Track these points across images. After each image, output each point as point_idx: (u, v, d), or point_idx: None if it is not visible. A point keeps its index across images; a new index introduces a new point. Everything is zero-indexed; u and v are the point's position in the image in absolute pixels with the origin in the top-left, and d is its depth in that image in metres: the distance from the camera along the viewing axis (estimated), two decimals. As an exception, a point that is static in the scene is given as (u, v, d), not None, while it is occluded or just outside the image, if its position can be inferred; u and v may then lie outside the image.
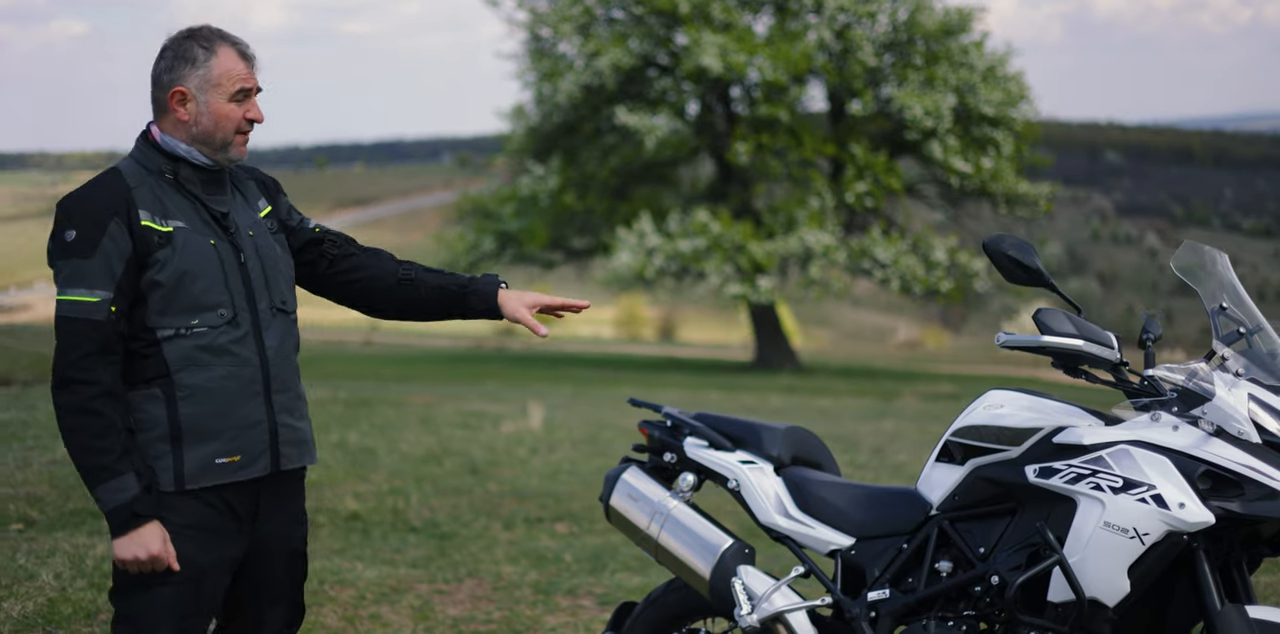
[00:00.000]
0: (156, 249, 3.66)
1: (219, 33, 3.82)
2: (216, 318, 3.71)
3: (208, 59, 3.76)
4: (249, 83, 3.79)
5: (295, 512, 3.97)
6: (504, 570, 7.55)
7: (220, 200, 3.82)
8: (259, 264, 3.82)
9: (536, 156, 33.42)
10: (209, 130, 3.75)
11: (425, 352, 38.76)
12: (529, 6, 32.25)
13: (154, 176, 3.75)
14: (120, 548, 3.61)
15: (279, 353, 3.83)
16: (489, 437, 12.83)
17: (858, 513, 4.23)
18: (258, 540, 3.84)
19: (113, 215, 3.65)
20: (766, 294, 29.30)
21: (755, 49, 28.97)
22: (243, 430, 3.73)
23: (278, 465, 3.81)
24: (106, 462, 3.59)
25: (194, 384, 3.69)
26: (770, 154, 30.22)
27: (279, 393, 3.82)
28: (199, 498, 3.71)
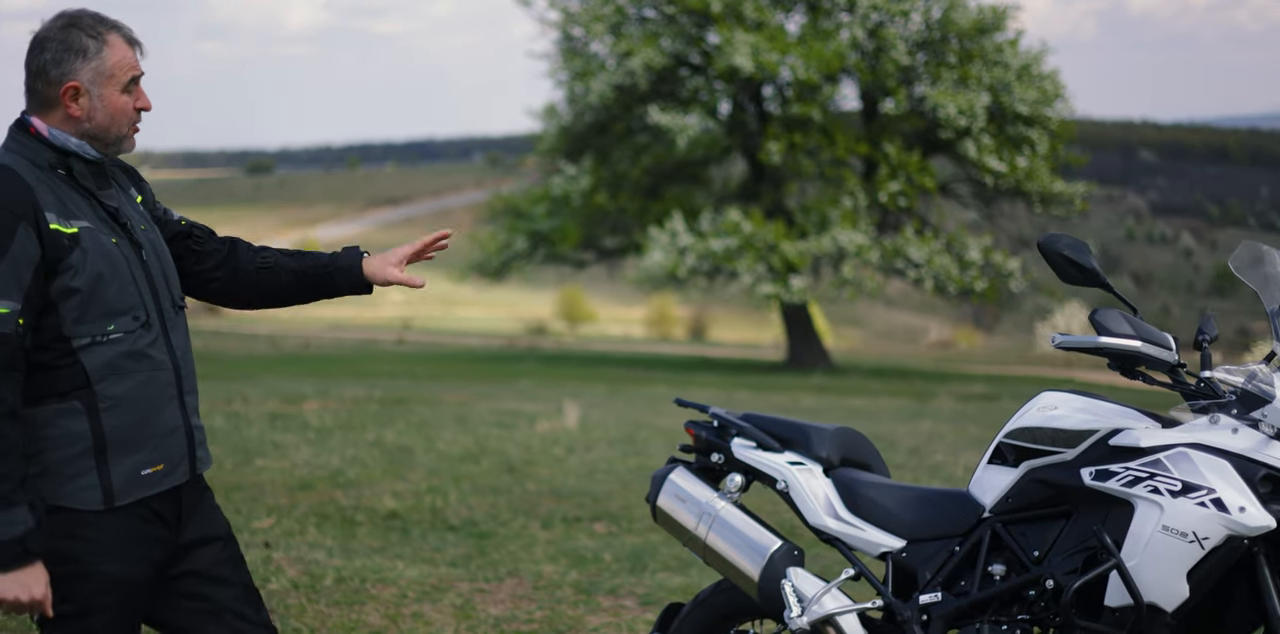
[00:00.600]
0: (67, 253, 3.39)
1: (102, 18, 3.54)
2: (131, 322, 3.49)
3: (99, 50, 3.49)
4: (139, 70, 3.54)
5: (210, 503, 3.75)
6: (544, 570, 7.53)
7: (109, 194, 3.59)
8: (157, 260, 3.63)
9: (568, 156, 33.42)
10: (104, 125, 3.52)
11: (457, 350, 38.83)
12: (561, 6, 32.25)
13: (45, 172, 3.47)
14: (1, 586, 3.29)
15: (184, 352, 3.65)
16: (525, 436, 12.82)
17: (909, 515, 4.19)
18: (187, 544, 3.65)
19: (19, 220, 3.34)
20: (799, 294, 29.23)
21: (787, 48, 28.90)
22: (164, 438, 3.54)
23: (195, 469, 3.65)
24: (2, 491, 3.27)
25: (116, 394, 3.46)
26: (803, 153, 30.15)
27: (189, 394, 3.64)
28: (127, 512, 3.49)
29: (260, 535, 8.48)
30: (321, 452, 11.75)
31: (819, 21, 30.42)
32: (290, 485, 10.12)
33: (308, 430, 13.35)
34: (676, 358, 37.12)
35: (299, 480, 10.33)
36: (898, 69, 30.17)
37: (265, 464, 11.00)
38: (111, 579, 3.47)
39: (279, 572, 7.29)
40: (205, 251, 3.89)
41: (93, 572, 3.45)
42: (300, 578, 7.18)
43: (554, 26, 32.66)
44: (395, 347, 40.69)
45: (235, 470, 10.65)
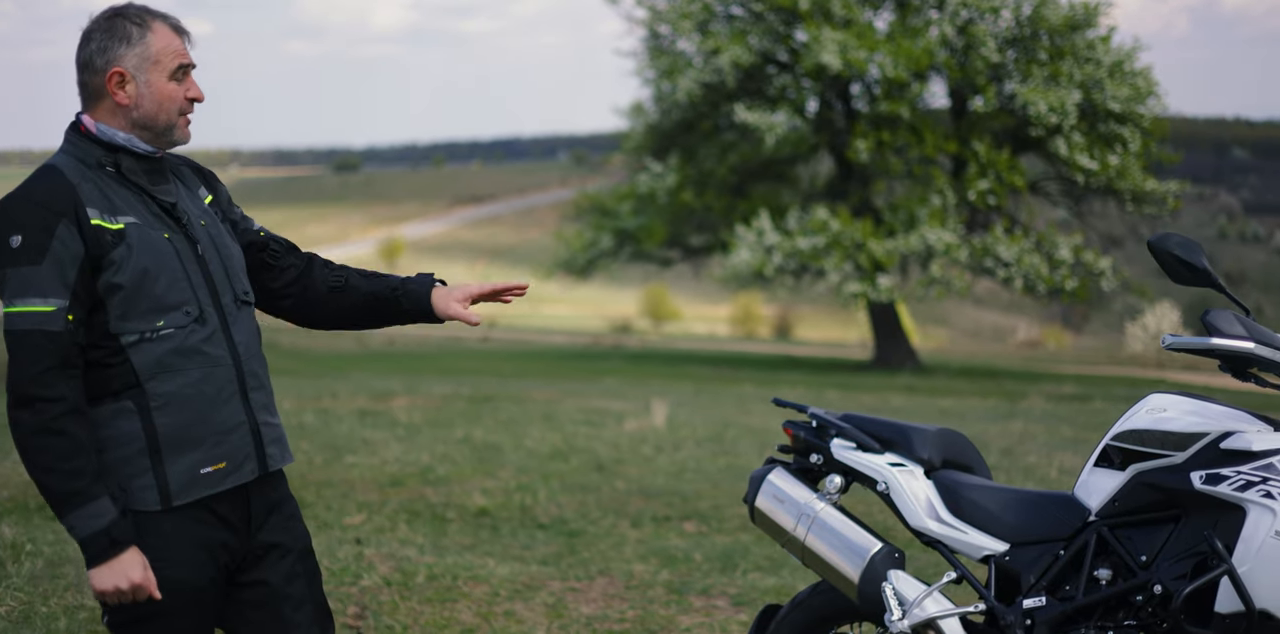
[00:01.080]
0: (110, 249, 3.38)
1: (148, 8, 3.55)
2: (183, 317, 3.45)
3: (143, 36, 3.48)
4: (187, 58, 3.52)
5: (291, 511, 3.72)
6: (635, 569, 7.51)
7: (166, 190, 3.56)
8: (216, 254, 3.58)
9: (655, 154, 33.41)
10: (152, 113, 3.49)
11: (542, 348, 38.95)
12: (648, 4, 32.24)
13: (94, 171, 3.47)
14: (99, 578, 3.33)
15: (249, 348, 3.59)
16: (613, 434, 12.81)
17: (1012, 518, 4.12)
18: (261, 548, 3.61)
19: (60, 217, 3.35)
20: (886, 292, 29.05)
21: (876, 45, 28.73)
22: (225, 435, 3.49)
23: (265, 467, 3.58)
24: (78, 486, 3.30)
25: (168, 392, 3.42)
26: (891, 151, 29.97)
27: (255, 391, 3.58)
28: (187, 514, 3.46)
29: (352, 532, 8.52)
30: (411, 448, 11.79)
31: (908, 18, 30.21)
32: (380, 482, 10.16)
33: (397, 427, 13.41)
34: (762, 357, 37.02)
35: (389, 477, 10.36)
36: (987, 66, 29.89)
37: (355, 461, 11.05)
38: (174, 584, 3.43)
39: (371, 568, 7.31)
40: (281, 266, 3.86)
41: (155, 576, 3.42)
42: (392, 575, 7.20)
43: (641, 24, 32.68)
44: (480, 344, 40.87)
45: (326, 467, 10.70)
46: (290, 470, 10.21)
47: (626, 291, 77.32)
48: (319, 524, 8.75)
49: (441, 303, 3.86)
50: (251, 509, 3.58)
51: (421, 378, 22.47)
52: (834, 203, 31.23)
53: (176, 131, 3.53)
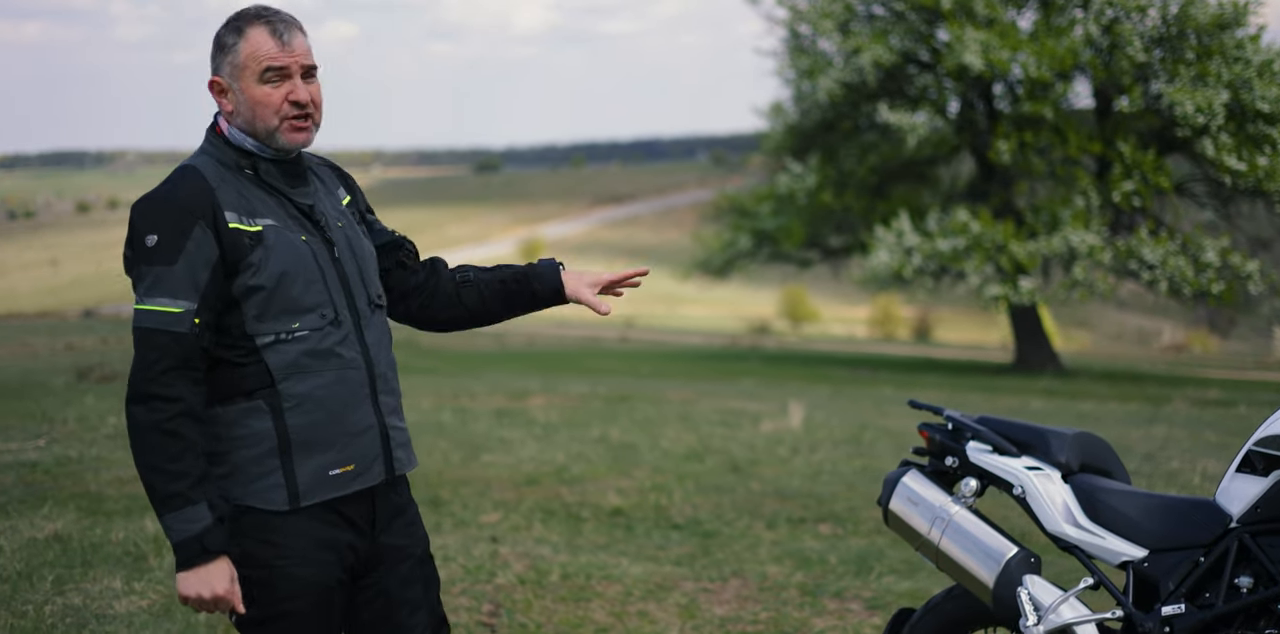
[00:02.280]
0: (248, 252, 3.41)
1: (258, 12, 3.50)
2: (318, 319, 3.47)
3: (236, 43, 3.47)
4: (280, 61, 3.45)
5: (412, 519, 3.73)
6: (769, 571, 7.48)
7: (304, 192, 3.59)
8: (352, 256, 3.60)
9: (794, 154, 33.30)
10: (249, 119, 3.49)
11: (679, 348, 38.98)
12: (789, 4, 32.14)
13: (233, 172, 3.50)
14: (184, 584, 3.35)
15: (380, 351, 3.61)
16: (749, 435, 12.78)
17: (1151, 523, 4.04)
18: (382, 550, 3.62)
19: (197, 219, 3.38)
20: (1027, 295, 28.67)
21: (1019, 45, 28.36)
22: (354, 438, 3.50)
23: (392, 471, 3.60)
24: (180, 488, 3.31)
25: (301, 393, 3.44)
26: (1033, 152, 29.54)
27: (385, 394, 3.60)
28: (314, 514, 3.48)
29: (487, 530, 8.59)
30: (547, 448, 11.86)
31: (1052, 18, 29.78)
32: (516, 481, 10.24)
33: (534, 426, 13.50)
34: (901, 358, 36.75)
35: (525, 476, 10.44)
36: (1133, 66, 29.35)
37: (492, 459, 11.14)
38: (300, 583, 3.45)
39: (505, 566, 7.37)
40: (414, 267, 3.90)
41: (280, 575, 3.45)
42: (526, 573, 7.25)
43: (781, 24, 32.59)
44: (618, 344, 41.01)
45: (463, 465, 10.80)
46: (428, 468, 10.34)
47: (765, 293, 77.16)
48: (455, 522, 8.84)
49: (573, 285, 3.88)
50: (376, 511, 3.60)
51: (559, 377, 22.59)
52: (975, 204, 30.89)
53: (280, 136, 3.50)
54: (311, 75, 3.54)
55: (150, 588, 6.71)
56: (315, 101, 3.53)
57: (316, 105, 3.54)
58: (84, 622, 6.13)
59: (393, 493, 3.66)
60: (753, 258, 34.94)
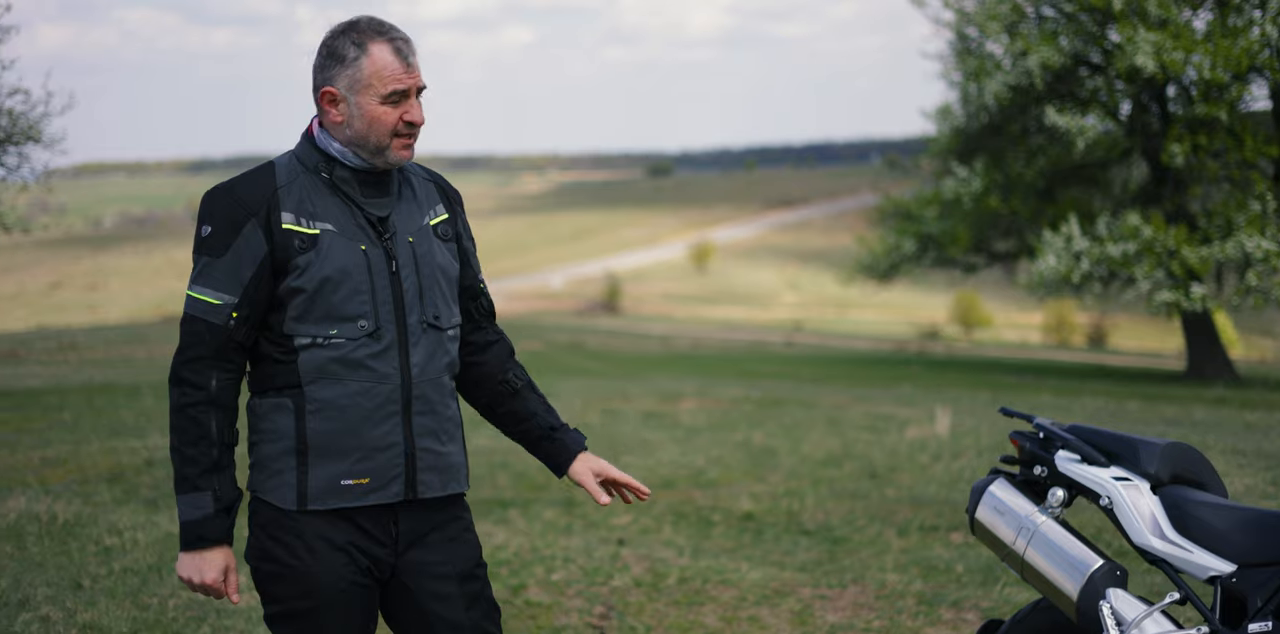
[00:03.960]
0: (298, 254, 3.43)
1: (377, 26, 3.49)
2: (356, 329, 3.46)
3: (358, 57, 3.45)
4: (404, 83, 3.47)
5: (453, 536, 3.65)
6: (889, 578, 7.40)
7: (380, 203, 3.56)
8: (414, 274, 3.55)
9: (960, 158, 32.89)
10: (362, 133, 3.48)
11: (845, 353, 38.75)
12: (955, 6, 31.76)
13: (309, 174, 3.53)
14: (180, 565, 3.48)
15: (426, 371, 3.55)
16: (893, 441, 12.66)
17: (1241, 537, 3.92)
18: (409, 567, 3.58)
19: (250, 216, 3.44)
20: (1199, 301, 27.97)
21: (1193, 46, 27.65)
22: (373, 452, 3.48)
23: (414, 492, 3.54)
24: (190, 473, 3.42)
25: (324, 398, 3.45)
26: (1207, 155, 28.80)
27: (421, 414, 3.54)
28: (324, 517, 3.48)
29: (617, 532, 8.63)
30: (687, 451, 11.87)
31: (1228, 18, 28.98)
32: (651, 483, 10.26)
33: (678, 429, 13.52)
34: (1071, 365, 36.13)
35: (661, 479, 10.46)
36: (1314, 66, 28.50)
37: (631, 461, 11.18)
38: (307, 583, 3.47)
39: (624, 569, 7.39)
40: (477, 322, 3.82)
41: (288, 573, 3.48)
42: (644, 576, 7.26)
43: (948, 27, 32.19)
44: (783, 348, 40.86)
45: (601, 467, 10.84)
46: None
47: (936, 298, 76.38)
48: (586, 524, 8.90)
49: (579, 467, 3.79)
50: (400, 527, 3.57)
51: (718, 381, 22.58)
52: (1147, 208, 30.22)
53: (390, 153, 3.51)
54: (420, 93, 3.55)
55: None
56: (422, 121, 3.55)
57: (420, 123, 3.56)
58: (204, 616, 6.28)
59: (425, 510, 3.61)
60: (917, 262, 34.58)
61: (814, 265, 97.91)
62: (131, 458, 10.79)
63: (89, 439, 11.86)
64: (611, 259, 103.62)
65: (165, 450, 11.24)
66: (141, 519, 8.36)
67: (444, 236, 3.68)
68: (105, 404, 15.35)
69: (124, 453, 11.04)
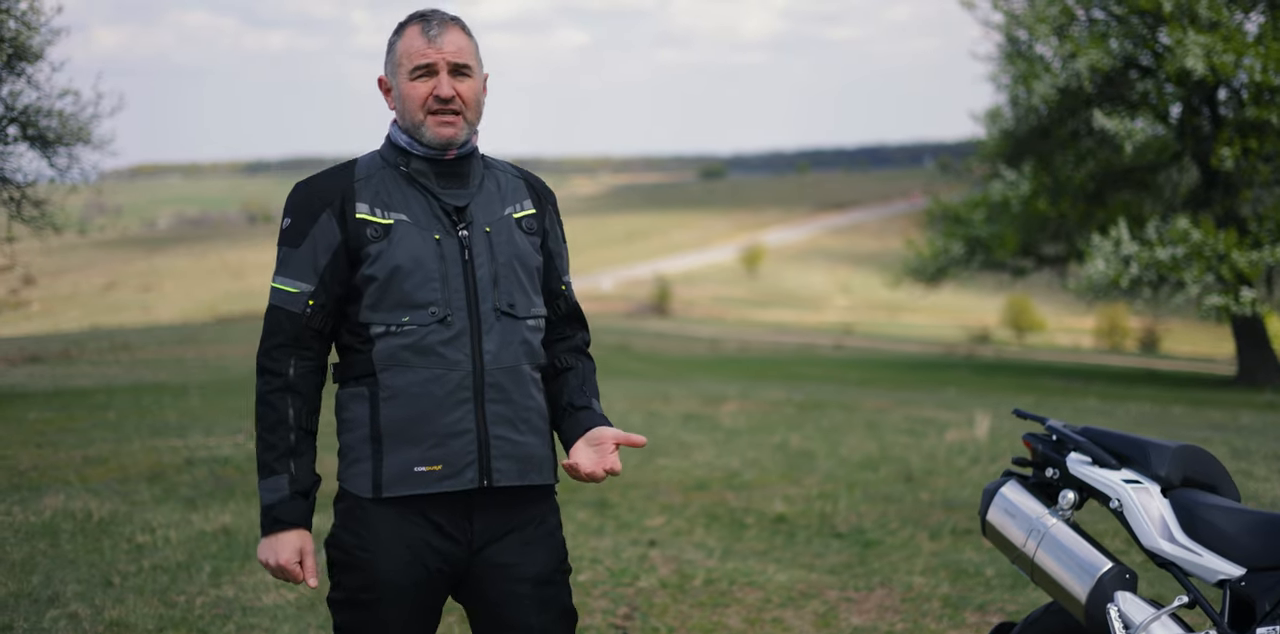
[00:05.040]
0: (370, 243, 3.52)
1: (419, 13, 3.63)
2: (426, 316, 3.50)
3: (395, 43, 3.61)
4: (428, 57, 3.55)
5: (531, 539, 3.64)
6: (916, 581, 7.39)
7: (458, 194, 3.62)
8: (490, 262, 3.59)
9: (1009, 161, 32.73)
10: (403, 114, 3.60)
11: (893, 356, 38.64)
12: (1005, 8, 31.62)
13: (388, 168, 3.63)
14: (259, 548, 3.55)
15: (499, 358, 3.56)
16: (931, 444, 12.62)
17: (1251, 541, 3.90)
18: (484, 565, 3.58)
19: (326, 206, 3.55)
20: (1249, 305, 27.75)
21: (1244, 49, 27.45)
22: (445, 439, 3.50)
23: (488, 479, 3.53)
24: (268, 458, 3.52)
25: (397, 386, 3.50)
26: (1258, 159, 28.58)
27: (495, 403, 3.54)
28: (398, 511, 3.52)
29: (649, 533, 8.64)
30: (724, 453, 11.87)
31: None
32: (686, 485, 10.27)
33: (717, 431, 13.52)
34: (1121, 370, 35.91)
35: (695, 480, 10.47)
36: (1366, 69, 28.19)
37: (666, 463, 11.19)
38: (371, 576, 3.50)
39: (652, 570, 7.40)
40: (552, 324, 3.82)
41: (354, 563, 3.53)
42: (670, 577, 7.28)
43: (997, 29, 32.06)
44: (832, 352, 40.76)
45: (637, 469, 10.87)
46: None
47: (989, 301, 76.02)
48: (618, 525, 8.91)
49: (576, 450, 3.66)
50: (474, 525, 3.58)
51: (761, 383, 22.57)
52: (1196, 212, 30.00)
53: (426, 130, 3.57)
54: (463, 73, 3.60)
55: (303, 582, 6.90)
56: (464, 98, 3.59)
57: (466, 102, 3.60)
58: (230, 613, 6.34)
59: (501, 507, 3.61)
60: (965, 265, 34.43)
61: (865, 268, 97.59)
62: (172, 457, 10.89)
63: (131, 438, 11.97)
64: (662, 261, 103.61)
65: (205, 450, 11.34)
66: (177, 517, 8.44)
67: (528, 230, 3.73)
68: (151, 404, 15.49)
69: (165, 452, 11.14)
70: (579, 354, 3.86)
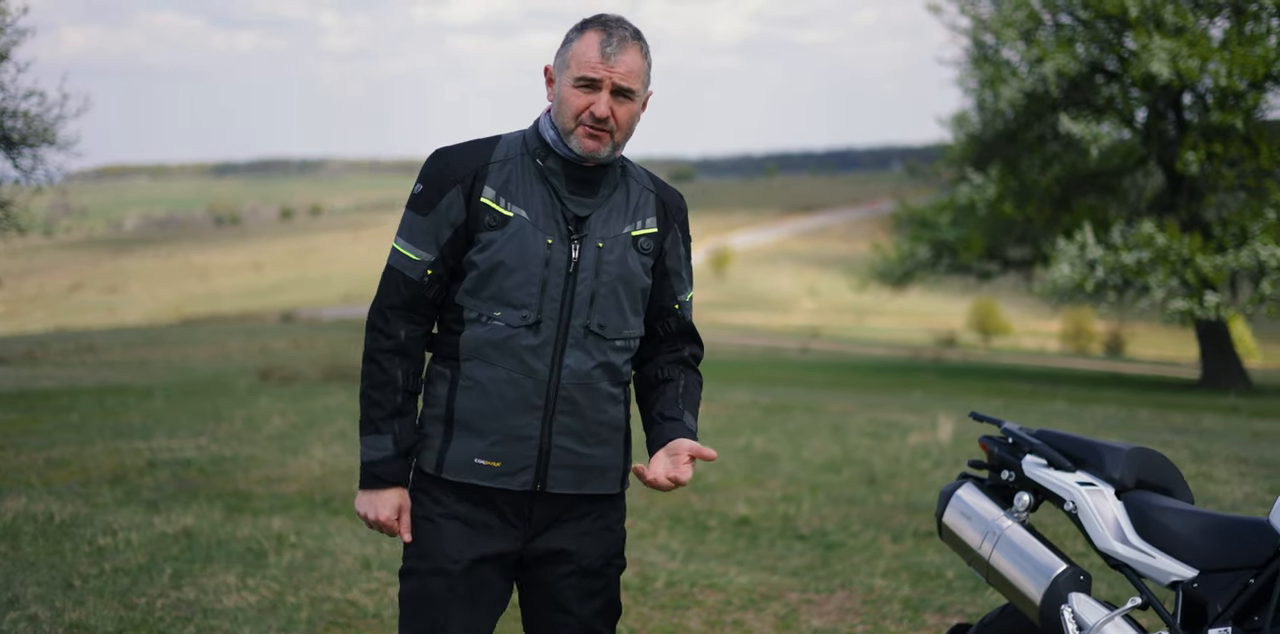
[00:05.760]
0: (486, 229, 3.56)
1: (604, 18, 3.60)
2: (517, 317, 3.54)
3: (573, 40, 3.59)
4: (596, 73, 3.52)
5: (588, 530, 3.72)
6: (877, 583, 7.42)
7: (584, 202, 3.61)
8: (594, 278, 3.59)
9: (975, 165, 32.86)
10: (557, 112, 3.60)
11: (860, 359, 38.70)
12: (972, 13, 31.74)
13: (527, 157, 3.63)
14: (358, 501, 3.64)
15: (576, 374, 3.59)
16: (894, 447, 12.66)
17: (1203, 543, 3.94)
18: (538, 553, 3.68)
19: (457, 183, 3.59)
20: (1213, 310, 27.90)
21: (1209, 54, 27.60)
22: (509, 440, 3.57)
23: (543, 486, 3.61)
24: (375, 416, 3.60)
25: (475, 378, 3.57)
26: (1223, 163, 28.74)
27: (565, 415, 3.59)
28: (462, 492, 3.62)
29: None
30: (688, 456, 11.87)
31: (1245, 26, 28.93)
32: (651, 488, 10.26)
33: (682, 434, 13.51)
34: (1087, 373, 36.06)
35: (659, 483, 10.46)
36: (1331, 75, 28.36)
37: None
38: (428, 546, 3.63)
39: (614, 572, 7.41)
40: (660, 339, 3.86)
41: (418, 532, 3.66)
42: (632, 579, 7.28)
43: (964, 34, 32.18)
44: (799, 355, 40.83)
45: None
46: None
47: (955, 305, 76.25)
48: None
49: (655, 459, 3.70)
50: (533, 513, 3.66)
51: (730, 386, 22.57)
52: (1161, 216, 30.15)
53: (574, 139, 3.58)
54: (625, 96, 3.59)
55: (263, 584, 6.89)
56: (619, 121, 3.58)
57: (620, 125, 3.59)
58: (191, 616, 6.32)
59: (571, 506, 3.69)
60: (931, 269, 34.57)
61: (833, 271, 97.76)
62: (135, 459, 10.85)
63: (94, 440, 11.92)
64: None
65: (168, 452, 11.30)
66: (139, 520, 8.41)
67: (643, 250, 3.72)
68: (115, 405, 15.43)
69: (128, 454, 11.10)
70: (684, 367, 3.89)
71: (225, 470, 10.55)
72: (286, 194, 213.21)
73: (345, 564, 7.38)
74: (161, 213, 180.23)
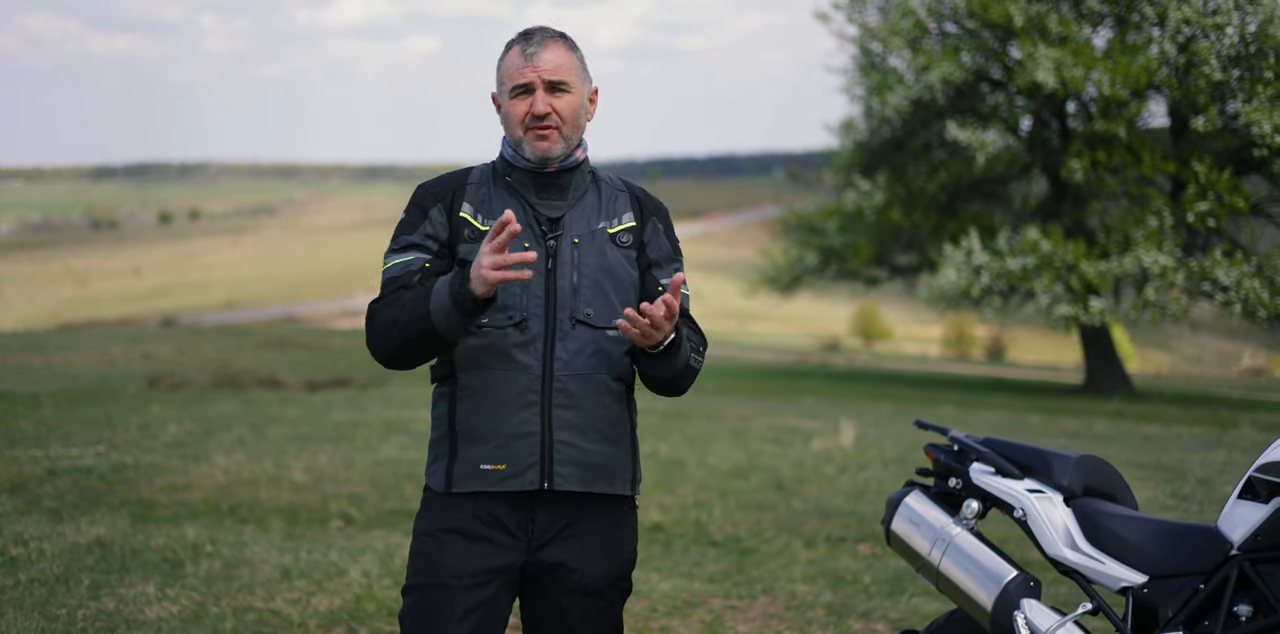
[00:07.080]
0: (464, 241, 3.64)
1: (525, 31, 3.74)
2: (504, 319, 3.58)
3: (500, 62, 3.73)
4: (525, 77, 3.64)
5: (589, 548, 3.69)
6: (798, 589, 7.45)
7: (553, 205, 3.70)
8: (572, 272, 3.63)
9: (863, 171, 33.19)
10: (506, 128, 3.72)
11: (747, 365, 38.90)
12: (859, 21, 32.06)
13: (496, 178, 3.75)
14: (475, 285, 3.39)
15: (571, 365, 3.60)
16: (798, 453, 12.74)
17: (1152, 549, 3.99)
18: (540, 566, 3.66)
19: (437, 202, 3.70)
20: (1097, 316, 28.38)
21: (1093, 63, 28.08)
22: (510, 439, 3.57)
23: (550, 483, 3.58)
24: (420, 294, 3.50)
25: (471, 386, 3.61)
26: (1106, 171, 29.24)
27: (563, 408, 3.60)
28: (465, 505, 3.61)
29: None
30: (595, 462, 11.86)
31: (1127, 36, 29.46)
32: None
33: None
34: (970, 378, 36.51)
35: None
36: (1209, 85, 28.89)
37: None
38: (432, 564, 3.63)
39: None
40: None
41: (422, 551, 3.67)
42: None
43: (852, 41, 32.50)
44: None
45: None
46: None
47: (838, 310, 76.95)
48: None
49: None
50: (537, 524, 3.64)
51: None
52: (1046, 223, 30.63)
53: (525, 146, 3.68)
54: (560, 89, 3.68)
55: (183, 594, 6.78)
56: (560, 114, 3.67)
57: (563, 118, 3.68)
58: (113, 626, 6.20)
59: (566, 511, 3.66)
60: (820, 274, 34.88)
61: (717, 277, 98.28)
62: (33, 467, 10.64)
63: (-13, 449, 11.66)
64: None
65: (67, 460, 11.10)
66: (46, 530, 8.24)
67: (622, 243, 3.76)
68: (4, 413, 15.11)
69: (25, 462, 10.88)
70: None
71: (127, 478, 10.38)
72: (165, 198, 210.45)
73: (264, 573, 7.28)
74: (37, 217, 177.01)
